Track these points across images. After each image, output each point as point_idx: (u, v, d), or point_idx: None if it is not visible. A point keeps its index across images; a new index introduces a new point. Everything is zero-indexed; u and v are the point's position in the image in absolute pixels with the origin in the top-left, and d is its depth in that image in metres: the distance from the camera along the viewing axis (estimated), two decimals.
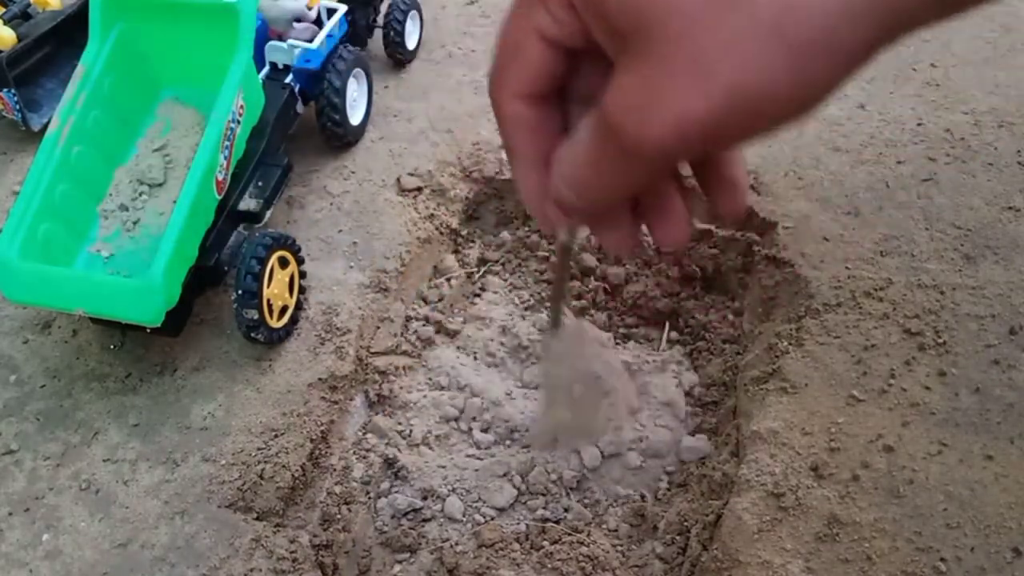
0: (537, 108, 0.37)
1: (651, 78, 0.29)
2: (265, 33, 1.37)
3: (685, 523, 1.02)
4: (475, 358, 1.29)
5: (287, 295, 1.18)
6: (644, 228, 0.40)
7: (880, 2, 0.28)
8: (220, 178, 1.14)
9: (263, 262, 1.11)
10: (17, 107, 1.47)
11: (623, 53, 0.30)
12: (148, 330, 1.11)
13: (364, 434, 1.17)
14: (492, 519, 1.07)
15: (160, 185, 1.21)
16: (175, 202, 1.09)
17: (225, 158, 1.15)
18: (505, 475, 1.11)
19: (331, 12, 1.44)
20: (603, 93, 0.31)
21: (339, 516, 1.08)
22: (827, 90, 0.29)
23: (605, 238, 0.40)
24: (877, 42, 0.29)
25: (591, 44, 0.33)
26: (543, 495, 1.09)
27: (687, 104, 0.28)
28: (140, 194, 1.20)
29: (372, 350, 1.25)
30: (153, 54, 1.25)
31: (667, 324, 1.32)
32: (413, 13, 1.65)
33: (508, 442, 1.16)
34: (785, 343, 1.13)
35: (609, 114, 0.31)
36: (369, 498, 1.11)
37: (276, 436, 1.09)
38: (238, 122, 1.17)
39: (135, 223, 1.18)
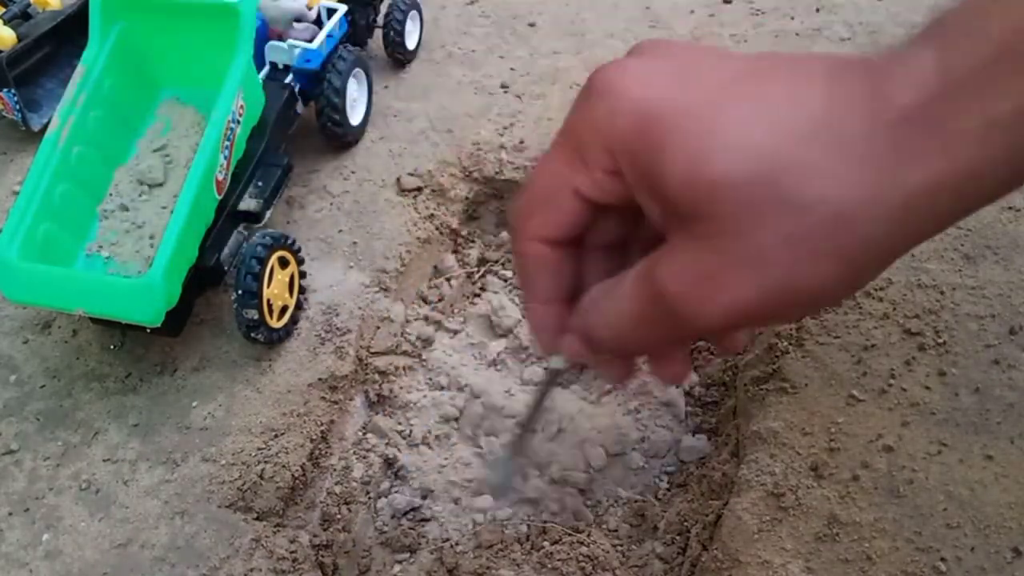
0: (559, 250, 0.38)
1: (709, 263, 0.31)
2: (265, 33, 1.37)
3: (685, 523, 1.03)
4: (475, 358, 1.29)
5: (287, 295, 1.18)
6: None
7: (922, 211, 0.29)
8: (220, 178, 1.14)
9: (263, 262, 1.11)
10: (17, 107, 1.47)
11: (680, 229, 0.32)
12: (148, 330, 1.11)
13: (364, 434, 1.17)
14: (493, 520, 1.07)
15: (160, 185, 1.21)
16: (175, 201, 1.09)
17: (225, 158, 1.15)
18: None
19: (331, 12, 1.44)
20: (646, 253, 0.34)
21: (339, 516, 1.08)
22: (866, 284, 0.32)
23: (606, 369, 0.42)
24: (914, 243, 0.31)
25: (625, 203, 0.35)
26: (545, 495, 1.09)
27: (741, 293, 0.30)
28: (140, 194, 1.20)
29: (372, 350, 1.25)
30: (153, 54, 1.25)
31: None
32: (413, 13, 1.65)
33: (509, 442, 1.16)
34: (785, 343, 1.13)
35: (665, 286, 0.32)
36: (369, 498, 1.11)
37: (276, 436, 1.09)
38: (238, 122, 1.17)
39: (135, 223, 1.18)
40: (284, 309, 1.18)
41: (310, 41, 1.38)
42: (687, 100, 0.31)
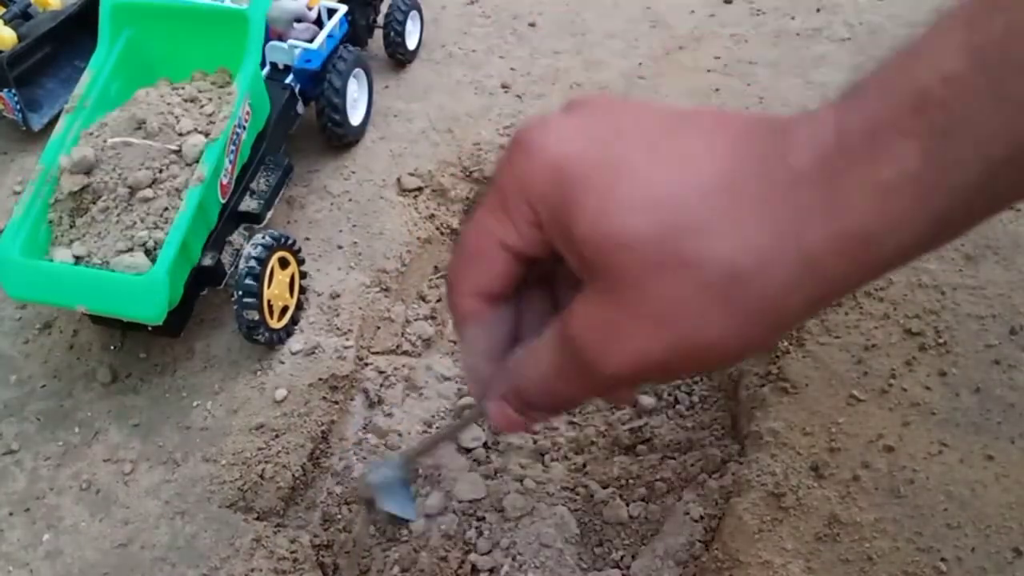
0: (494, 306, 0.39)
1: (613, 316, 0.32)
2: (266, 33, 1.37)
3: None
4: None
5: (287, 295, 1.18)
6: None
7: (818, 272, 0.30)
8: (225, 182, 1.15)
9: (263, 263, 1.11)
10: (17, 107, 1.47)
11: (590, 280, 0.33)
12: (149, 329, 1.11)
13: (364, 434, 1.17)
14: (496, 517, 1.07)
15: None
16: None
17: (230, 162, 1.15)
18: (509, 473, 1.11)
19: (331, 12, 1.44)
20: (566, 307, 0.34)
21: (339, 516, 1.08)
22: (769, 343, 0.32)
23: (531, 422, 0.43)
24: (817, 305, 0.31)
25: (550, 255, 0.35)
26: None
27: (643, 345, 0.31)
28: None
29: (372, 350, 1.25)
30: (161, 59, 1.25)
31: None
32: (413, 13, 1.65)
33: (510, 441, 1.16)
34: (785, 343, 1.13)
35: (573, 336, 0.33)
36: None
37: (276, 436, 1.09)
38: (244, 128, 1.17)
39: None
40: (285, 309, 1.18)
41: (310, 41, 1.38)
42: (601, 157, 0.32)
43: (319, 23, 1.43)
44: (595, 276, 0.32)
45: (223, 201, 1.16)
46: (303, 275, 1.23)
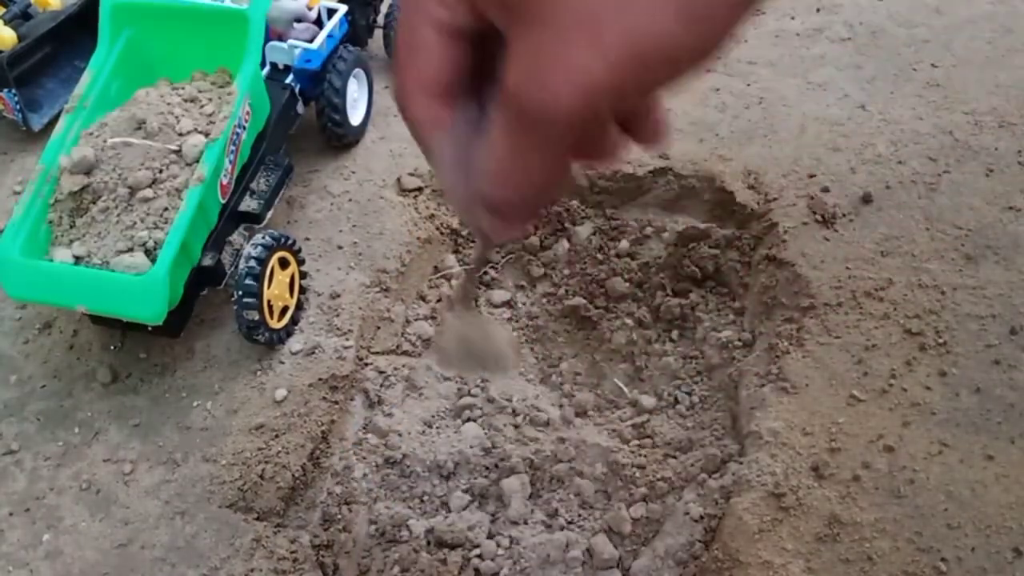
0: (450, 106, 0.35)
1: (544, 44, 0.28)
2: (266, 33, 1.37)
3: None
4: None
5: (287, 296, 1.18)
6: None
7: None
8: (225, 182, 1.15)
9: (263, 263, 1.11)
10: (17, 107, 1.47)
11: (515, 24, 0.29)
12: (149, 329, 1.11)
13: (364, 434, 1.17)
14: (498, 519, 1.07)
15: None
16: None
17: (230, 162, 1.15)
18: (511, 471, 1.11)
19: (331, 12, 1.44)
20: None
21: (339, 516, 1.08)
22: (722, 36, 0.28)
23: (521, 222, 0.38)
24: None
25: (489, 27, 0.32)
26: (552, 491, 1.09)
27: (585, 65, 0.28)
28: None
29: (372, 350, 1.25)
30: (161, 60, 1.25)
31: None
32: None
33: (511, 441, 1.16)
34: (785, 343, 1.13)
35: (509, 90, 0.30)
36: (370, 498, 1.11)
37: (276, 436, 1.09)
38: (244, 128, 1.17)
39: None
40: (285, 310, 1.18)
41: (310, 41, 1.38)
42: None
43: (319, 23, 1.43)
44: (520, 11, 0.29)
45: (223, 201, 1.16)
46: (303, 275, 1.23)
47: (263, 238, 1.13)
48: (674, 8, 0.27)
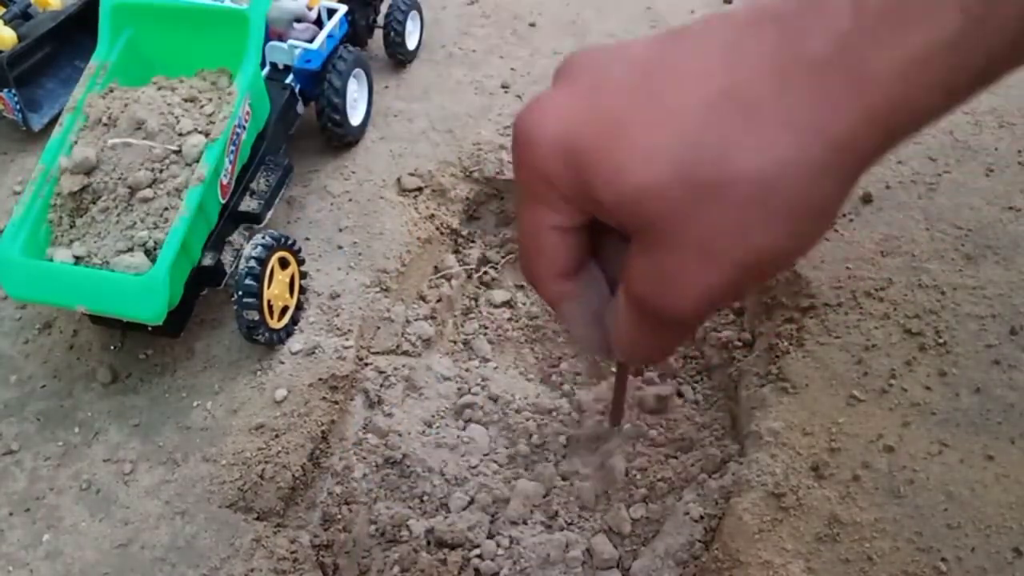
0: (574, 280, 0.39)
1: (665, 265, 0.32)
2: (266, 33, 1.37)
3: None
4: (476, 358, 1.28)
5: (287, 296, 1.18)
6: None
7: (849, 152, 0.29)
8: (225, 182, 1.15)
9: (263, 263, 1.12)
10: (17, 107, 1.47)
11: (634, 236, 0.33)
12: (149, 329, 1.11)
13: (364, 434, 1.17)
14: (498, 519, 1.07)
15: None
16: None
17: (231, 162, 1.15)
18: (512, 472, 1.11)
19: (331, 12, 1.44)
20: (624, 267, 0.35)
21: (339, 516, 1.08)
22: (824, 231, 0.32)
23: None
24: (856, 176, 0.31)
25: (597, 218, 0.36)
26: (554, 491, 1.09)
27: (703, 280, 0.32)
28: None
29: (372, 350, 1.25)
30: (162, 59, 1.25)
31: None
32: (413, 13, 1.65)
33: (511, 442, 1.16)
34: (785, 343, 1.13)
35: (637, 297, 0.34)
36: (370, 498, 1.11)
37: (276, 436, 1.09)
38: (244, 128, 1.17)
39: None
40: (285, 310, 1.18)
41: (310, 41, 1.38)
42: (597, 119, 0.32)
43: (319, 23, 1.43)
44: (636, 232, 0.32)
45: (223, 201, 1.16)
46: (303, 275, 1.23)
47: (263, 238, 1.14)
48: (786, 231, 0.30)
